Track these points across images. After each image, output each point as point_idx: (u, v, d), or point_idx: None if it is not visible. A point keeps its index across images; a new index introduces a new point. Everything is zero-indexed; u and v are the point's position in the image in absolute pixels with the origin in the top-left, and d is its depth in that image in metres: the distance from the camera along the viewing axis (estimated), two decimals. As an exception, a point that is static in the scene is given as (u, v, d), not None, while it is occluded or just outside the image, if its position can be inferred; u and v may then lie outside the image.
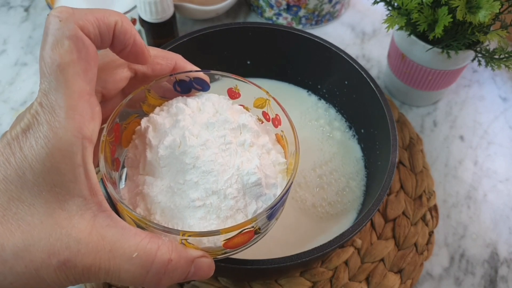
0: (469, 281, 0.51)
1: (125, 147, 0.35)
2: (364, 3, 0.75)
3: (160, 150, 0.33)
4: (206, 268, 0.31)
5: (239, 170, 0.33)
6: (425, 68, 0.57)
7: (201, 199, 0.32)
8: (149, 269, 0.28)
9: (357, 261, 0.51)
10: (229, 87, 0.38)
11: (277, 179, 0.35)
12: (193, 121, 0.34)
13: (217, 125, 0.34)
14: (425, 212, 0.54)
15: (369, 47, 0.71)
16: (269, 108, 0.38)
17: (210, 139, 0.33)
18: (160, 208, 0.32)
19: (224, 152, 0.33)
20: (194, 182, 0.32)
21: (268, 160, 0.35)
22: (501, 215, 0.56)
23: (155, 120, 0.34)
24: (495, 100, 0.66)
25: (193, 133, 0.33)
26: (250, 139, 0.34)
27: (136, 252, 0.28)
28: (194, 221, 0.32)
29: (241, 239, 0.32)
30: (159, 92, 0.37)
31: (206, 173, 0.32)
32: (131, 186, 0.34)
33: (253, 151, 0.34)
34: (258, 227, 0.33)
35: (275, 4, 0.69)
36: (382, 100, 0.47)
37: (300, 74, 0.57)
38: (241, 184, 0.32)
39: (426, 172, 0.57)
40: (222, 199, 0.32)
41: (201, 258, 0.30)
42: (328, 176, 0.51)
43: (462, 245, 0.53)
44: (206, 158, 0.32)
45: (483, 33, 0.51)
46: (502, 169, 0.59)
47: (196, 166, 0.32)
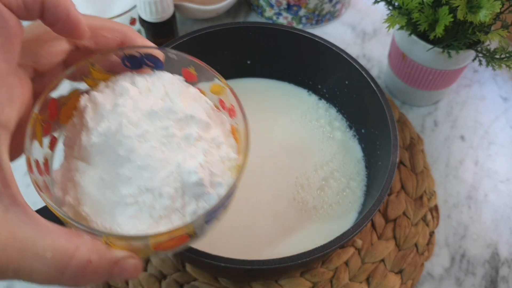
0: (470, 282, 0.51)
1: (64, 124, 0.32)
2: (364, 3, 0.75)
3: (94, 136, 0.30)
4: (132, 269, 0.28)
5: (179, 167, 0.30)
6: (425, 68, 0.56)
7: (133, 196, 0.29)
8: (64, 270, 0.26)
9: (357, 261, 0.51)
10: (185, 67, 0.34)
11: (224, 177, 0.31)
12: (134, 107, 0.31)
13: (160, 114, 0.31)
14: (426, 212, 0.54)
15: (369, 47, 0.71)
16: (225, 96, 0.35)
17: (150, 130, 0.30)
18: (90, 200, 0.29)
19: (165, 146, 0.30)
20: (127, 177, 0.29)
21: (217, 156, 0.32)
22: (502, 215, 0.55)
23: (95, 99, 0.31)
24: (496, 100, 0.65)
25: (131, 121, 0.30)
26: (197, 133, 0.31)
27: (51, 252, 0.25)
28: (125, 219, 0.29)
29: (174, 243, 0.30)
30: (106, 66, 0.33)
31: (141, 168, 0.29)
32: (65, 168, 0.31)
33: (199, 146, 0.31)
34: (193, 231, 0.30)
35: (275, 3, 0.69)
36: (382, 100, 0.47)
37: (300, 74, 0.57)
38: (180, 183, 0.29)
39: (426, 172, 0.57)
40: (157, 198, 0.29)
41: (127, 259, 0.28)
42: (329, 177, 0.51)
43: (463, 246, 0.53)
44: (142, 152, 0.29)
45: (484, 32, 0.51)
46: (503, 169, 0.59)
47: (131, 159, 0.29)
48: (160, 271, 0.50)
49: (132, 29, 0.33)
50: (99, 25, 0.31)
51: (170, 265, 0.50)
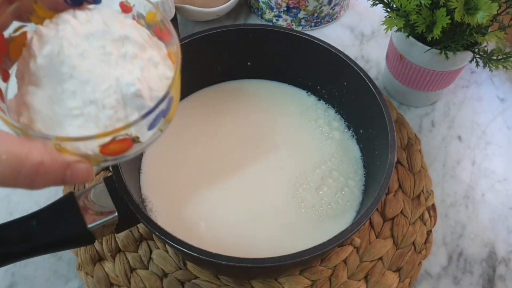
0: (467, 280, 0.52)
1: (15, 59, 0.35)
2: (363, 5, 0.76)
3: (39, 59, 0.33)
4: (84, 172, 0.31)
5: (118, 81, 0.32)
6: (423, 69, 0.57)
7: (79, 108, 0.32)
8: (19, 170, 0.28)
9: (356, 259, 0.51)
10: (121, 1, 0.37)
11: (162, 92, 0.34)
12: (74, 32, 0.34)
13: (97, 36, 0.34)
14: (423, 212, 0.55)
15: (368, 48, 0.71)
16: (159, 23, 0.37)
17: (88, 49, 0.33)
18: (41, 117, 0.32)
19: (104, 63, 0.33)
20: (72, 92, 0.32)
21: (154, 74, 0.34)
22: (499, 215, 0.56)
23: (40, 31, 0.34)
24: (493, 101, 0.66)
25: (71, 43, 0.33)
26: (132, 51, 0.34)
27: (5, 154, 0.28)
28: (73, 129, 0.32)
29: (119, 146, 0.32)
30: (48, 4, 0.36)
31: (83, 82, 0.32)
32: (18, 96, 0.34)
33: (135, 63, 0.33)
34: (136, 136, 0.33)
35: (275, 6, 0.69)
36: (380, 101, 0.47)
37: (299, 75, 0.57)
38: (120, 95, 0.32)
39: (424, 172, 0.57)
40: (100, 109, 0.32)
41: (78, 163, 0.31)
42: (328, 176, 0.52)
43: (460, 244, 0.54)
44: (83, 68, 0.32)
45: (481, 34, 0.51)
46: (500, 169, 0.60)
47: (73, 75, 0.32)
48: (162, 269, 0.50)
49: None
50: None
51: (171, 263, 0.50)
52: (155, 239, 0.52)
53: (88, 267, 0.51)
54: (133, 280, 0.50)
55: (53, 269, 0.51)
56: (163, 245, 0.52)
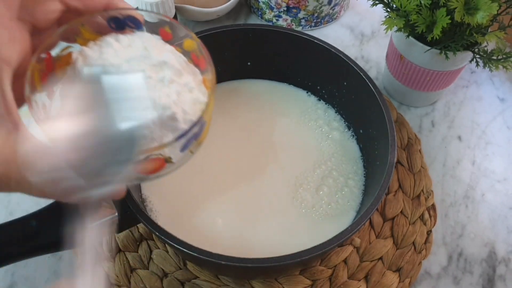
0: (467, 280, 0.52)
1: (60, 77, 0.36)
2: (363, 5, 0.76)
3: (82, 79, 0.34)
4: (117, 188, 0.32)
5: (155, 103, 0.34)
6: (423, 69, 0.57)
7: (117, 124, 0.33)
8: (59, 183, 0.29)
9: (356, 259, 0.51)
10: (161, 27, 0.39)
11: (196, 116, 0.35)
12: (116, 55, 0.35)
13: (138, 60, 0.35)
14: (423, 212, 0.55)
15: (368, 48, 0.71)
16: (197, 51, 0.39)
17: (119, 64, 0.34)
18: None
19: (135, 80, 0.34)
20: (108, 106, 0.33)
21: (189, 98, 0.36)
22: (499, 215, 0.56)
23: (85, 53, 0.35)
24: (493, 101, 0.66)
25: (113, 64, 0.34)
26: (170, 76, 0.35)
27: (47, 167, 0.28)
28: None
29: (152, 165, 0.34)
30: (94, 27, 0.37)
31: (117, 96, 0.33)
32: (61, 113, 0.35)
33: (172, 88, 0.35)
34: (168, 157, 0.34)
35: (275, 6, 0.69)
36: (380, 101, 0.47)
37: (299, 75, 0.57)
38: (156, 116, 0.33)
39: (424, 171, 0.57)
40: (137, 128, 0.33)
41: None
42: (328, 176, 0.52)
43: (460, 244, 0.54)
44: (115, 81, 0.33)
45: (481, 34, 0.51)
46: (499, 169, 0.60)
47: (105, 89, 0.33)
48: (162, 269, 0.50)
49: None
50: None
51: (171, 263, 0.50)
52: (155, 239, 0.52)
53: (88, 267, 0.51)
54: (133, 280, 0.50)
55: (53, 269, 0.51)
56: (163, 245, 0.52)
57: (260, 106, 0.57)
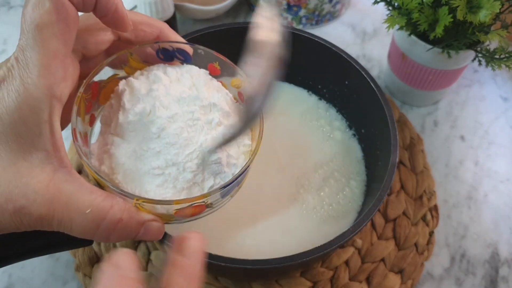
0: (469, 282, 0.51)
1: (102, 104, 0.37)
2: (364, 3, 0.75)
3: (130, 115, 0.34)
4: (156, 231, 0.33)
5: (201, 146, 0.34)
6: (425, 68, 0.57)
7: (161, 168, 0.33)
8: (99, 224, 0.30)
9: (357, 261, 0.51)
10: (210, 62, 0.39)
11: (239, 160, 0.36)
12: (166, 92, 0.35)
13: (188, 100, 0.35)
14: (426, 212, 0.54)
15: (369, 47, 0.71)
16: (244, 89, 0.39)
17: (178, 112, 0.34)
18: (123, 169, 0.33)
19: (190, 128, 0.34)
20: (157, 151, 0.33)
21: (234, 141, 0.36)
22: (502, 215, 0.56)
23: (132, 84, 0.35)
24: (495, 100, 0.66)
25: (163, 104, 0.34)
26: (218, 119, 0.35)
27: (90, 208, 0.29)
28: (152, 187, 0.33)
29: (193, 210, 0.34)
30: (142, 57, 0.37)
31: (169, 144, 0.33)
32: (101, 142, 0.35)
33: (219, 130, 0.35)
34: (210, 203, 0.34)
35: (276, 4, 0.69)
36: (382, 100, 0.47)
37: (300, 74, 0.57)
38: (201, 160, 0.34)
39: (426, 172, 0.57)
40: (181, 171, 0.33)
41: (152, 221, 0.32)
42: (329, 177, 0.51)
43: (462, 245, 0.53)
44: (171, 131, 0.33)
45: (484, 33, 0.51)
46: (502, 169, 0.59)
47: (161, 136, 0.33)
48: (161, 270, 0.50)
49: (167, 26, 0.38)
50: (139, 20, 0.36)
51: (170, 265, 0.50)
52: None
53: (86, 269, 0.50)
54: (131, 281, 0.49)
55: (50, 270, 0.51)
56: (161, 246, 0.51)
57: (260, 106, 0.57)
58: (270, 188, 0.50)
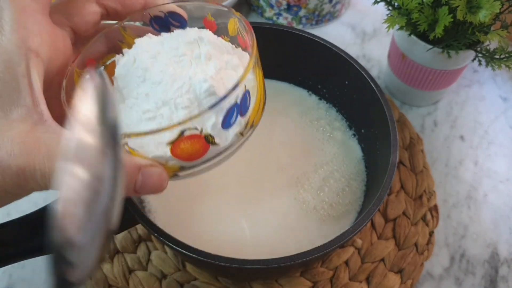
0: (469, 281, 0.51)
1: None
2: (364, 3, 0.75)
3: (116, 70, 0.33)
4: (156, 177, 0.29)
5: (191, 79, 0.31)
6: (425, 68, 0.57)
7: (152, 110, 0.31)
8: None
9: (357, 261, 0.51)
10: (204, 17, 0.37)
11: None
12: (148, 40, 0.34)
13: (171, 39, 0.33)
14: (426, 212, 0.54)
15: (369, 47, 0.71)
16: (239, 30, 0.36)
17: (161, 51, 0.33)
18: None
19: (177, 64, 0.32)
20: (145, 95, 0.32)
21: (233, 75, 0.33)
22: (501, 215, 0.56)
23: (126, 52, 0.35)
24: (495, 100, 0.66)
25: (145, 48, 0.33)
26: (207, 51, 0.33)
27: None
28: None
29: (191, 146, 0.30)
30: (139, 33, 0.36)
31: (155, 84, 0.31)
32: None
33: (210, 64, 0.32)
34: (208, 133, 0.30)
35: (276, 4, 0.69)
36: (382, 100, 0.47)
37: (300, 74, 0.57)
38: (194, 94, 0.31)
39: (426, 172, 0.57)
40: (173, 110, 0.31)
41: (150, 167, 0.29)
42: (329, 177, 0.51)
43: (462, 245, 0.53)
44: (155, 69, 0.32)
45: (484, 33, 0.51)
46: (502, 169, 0.59)
47: (146, 78, 0.32)
48: (161, 270, 0.50)
49: None
50: None
51: (170, 264, 0.50)
52: (154, 240, 0.52)
53: (87, 268, 0.50)
54: (131, 281, 0.49)
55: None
56: (162, 246, 0.51)
57: (260, 106, 0.57)
58: (270, 188, 0.50)
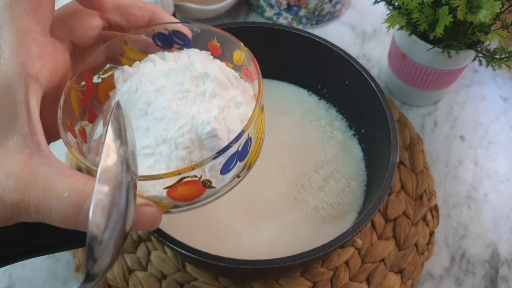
0: (469, 281, 0.51)
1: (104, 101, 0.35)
2: (364, 3, 0.75)
3: (117, 96, 0.32)
4: (150, 216, 0.29)
5: (193, 119, 0.30)
6: (425, 68, 0.56)
7: (151, 147, 0.30)
8: (80, 210, 0.26)
9: (357, 261, 0.51)
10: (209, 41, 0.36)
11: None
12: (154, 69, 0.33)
13: (177, 72, 0.32)
14: (426, 212, 0.54)
15: (369, 47, 0.71)
16: (245, 62, 0.35)
17: (166, 85, 0.32)
18: None
19: (180, 101, 0.31)
20: (145, 129, 0.31)
21: (235, 114, 0.32)
22: (501, 215, 0.55)
23: (126, 71, 0.34)
24: (495, 100, 0.66)
25: (149, 79, 0.32)
26: (212, 89, 0.32)
27: (68, 191, 0.26)
28: (143, 168, 0.30)
29: (187, 190, 0.30)
30: (140, 46, 0.35)
31: (157, 120, 0.30)
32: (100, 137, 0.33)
33: (214, 103, 0.31)
34: (206, 179, 0.30)
35: (276, 4, 0.69)
36: (382, 100, 0.47)
37: (300, 74, 0.57)
38: (195, 134, 0.30)
39: (426, 172, 0.57)
40: (173, 149, 0.30)
41: (144, 206, 0.29)
42: (330, 177, 0.51)
43: (462, 245, 0.53)
44: (158, 105, 0.31)
45: (484, 33, 0.51)
46: (502, 169, 0.59)
47: (148, 112, 0.31)
48: (161, 271, 0.50)
49: (159, 8, 0.36)
50: (129, 3, 0.34)
51: (170, 265, 0.50)
52: (153, 241, 0.52)
53: (86, 269, 0.50)
54: (131, 281, 0.49)
55: (51, 270, 0.51)
56: (161, 246, 0.51)
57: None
58: (270, 188, 0.50)
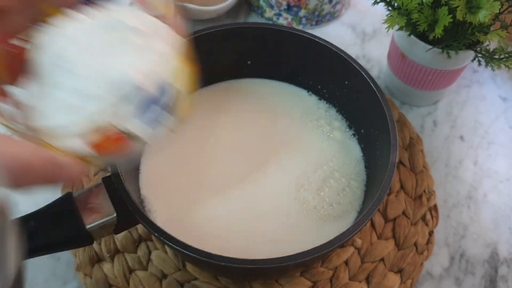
0: (469, 281, 0.51)
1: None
2: (364, 3, 0.75)
3: (38, 57, 0.31)
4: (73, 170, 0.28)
5: (110, 70, 0.29)
6: (425, 68, 0.57)
7: (72, 102, 0.29)
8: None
9: (357, 261, 0.51)
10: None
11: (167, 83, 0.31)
12: (75, 24, 0.31)
13: (97, 26, 0.31)
14: (425, 212, 0.54)
15: (369, 47, 0.71)
16: (168, 11, 0.34)
17: (88, 40, 0.30)
18: (36, 114, 0.30)
19: (102, 55, 0.30)
20: (66, 86, 0.29)
21: (157, 64, 0.31)
22: (501, 215, 0.56)
23: (48, 30, 0.32)
24: (495, 100, 0.66)
25: (72, 36, 0.31)
26: (133, 40, 0.30)
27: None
28: (65, 124, 0.29)
29: (113, 143, 0.29)
30: (59, 3, 0.33)
31: (68, 72, 0.29)
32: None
33: (135, 53, 0.30)
34: (131, 132, 0.29)
35: (276, 4, 0.69)
36: (382, 100, 0.47)
37: (300, 75, 0.57)
38: (110, 83, 0.29)
39: (426, 172, 0.57)
40: (84, 99, 0.29)
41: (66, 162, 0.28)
42: (329, 177, 0.51)
43: (462, 245, 0.53)
44: (82, 63, 0.30)
45: (483, 33, 0.51)
46: (502, 169, 0.59)
47: (72, 71, 0.30)
48: (161, 270, 0.50)
49: None
50: None
51: (170, 264, 0.50)
52: (154, 240, 0.52)
53: (87, 268, 0.50)
54: (132, 281, 0.49)
55: (51, 270, 0.51)
56: (162, 246, 0.51)
57: (260, 106, 0.57)
58: (270, 187, 0.51)
